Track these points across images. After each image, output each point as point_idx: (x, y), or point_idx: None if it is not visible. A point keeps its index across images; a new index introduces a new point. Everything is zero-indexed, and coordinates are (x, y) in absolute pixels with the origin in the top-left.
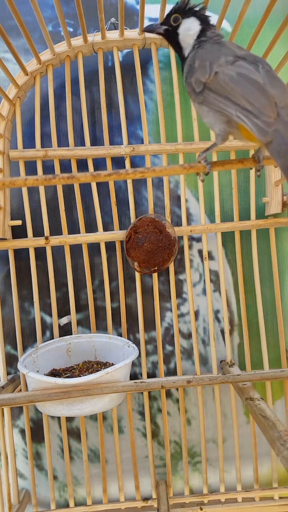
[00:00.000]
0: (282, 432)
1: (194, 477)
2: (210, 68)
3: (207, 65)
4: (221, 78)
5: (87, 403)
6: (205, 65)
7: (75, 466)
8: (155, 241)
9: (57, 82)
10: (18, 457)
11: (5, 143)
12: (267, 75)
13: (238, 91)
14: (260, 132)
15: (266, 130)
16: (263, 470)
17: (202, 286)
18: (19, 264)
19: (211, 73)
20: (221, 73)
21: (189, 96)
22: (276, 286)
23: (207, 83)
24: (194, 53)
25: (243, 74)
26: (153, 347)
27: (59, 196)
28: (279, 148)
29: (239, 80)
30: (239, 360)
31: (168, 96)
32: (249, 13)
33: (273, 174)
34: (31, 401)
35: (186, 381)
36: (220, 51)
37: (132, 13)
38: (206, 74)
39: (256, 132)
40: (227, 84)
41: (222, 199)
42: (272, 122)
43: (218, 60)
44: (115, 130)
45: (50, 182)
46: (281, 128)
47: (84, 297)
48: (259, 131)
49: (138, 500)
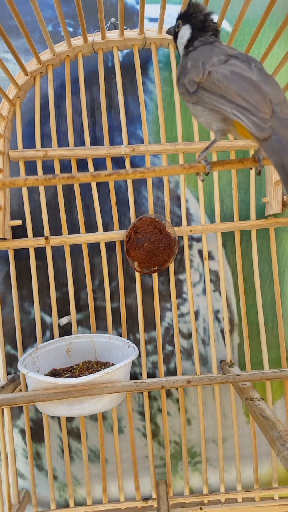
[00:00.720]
0: (282, 432)
1: (194, 477)
2: (204, 68)
3: (200, 65)
4: (215, 77)
5: (87, 403)
6: (198, 65)
7: (75, 466)
8: (155, 241)
9: (57, 82)
10: (18, 457)
11: (5, 143)
12: (260, 73)
13: (232, 89)
14: (257, 129)
15: (262, 127)
16: (263, 470)
17: (202, 286)
18: (19, 264)
19: (204, 72)
20: (215, 72)
21: (183, 97)
22: (276, 286)
23: (201, 82)
24: (186, 56)
25: (236, 72)
26: (153, 347)
27: (59, 196)
28: (273, 146)
29: (233, 78)
30: (239, 360)
31: (168, 96)
32: (249, 13)
33: (273, 174)
34: (31, 401)
35: (186, 381)
36: (212, 51)
37: (132, 13)
38: (199, 74)
39: (253, 128)
40: (221, 82)
41: (222, 199)
42: (268, 118)
43: (210, 60)
44: (115, 130)
45: (50, 182)
46: (276, 125)
47: (84, 297)
48: (256, 127)
49: (138, 500)
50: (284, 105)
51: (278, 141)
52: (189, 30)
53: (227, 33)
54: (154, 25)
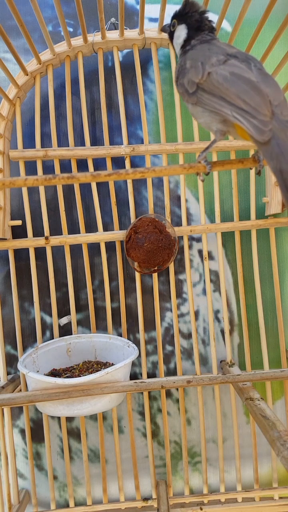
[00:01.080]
0: (282, 432)
1: (194, 477)
2: (203, 68)
3: (199, 65)
4: (215, 78)
5: (87, 403)
6: (197, 65)
7: (75, 466)
8: (155, 241)
9: (57, 82)
10: (18, 457)
11: (5, 143)
12: (260, 73)
13: (232, 91)
14: (257, 132)
15: (263, 130)
16: (263, 470)
17: (202, 286)
18: (19, 264)
19: (204, 73)
20: (214, 73)
21: (182, 97)
22: (276, 286)
23: (200, 83)
24: (184, 55)
25: (236, 73)
26: (153, 347)
27: (59, 196)
28: (272, 150)
29: (233, 79)
30: (239, 360)
31: (168, 96)
32: (249, 13)
33: (273, 174)
34: (31, 401)
35: (186, 381)
36: (211, 50)
37: (132, 13)
38: (199, 75)
39: (253, 131)
40: (221, 84)
41: (222, 199)
42: (268, 121)
43: (209, 60)
44: (115, 130)
45: (50, 182)
46: (276, 128)
47: (84, 297)
48: (256, 130)
49: (138, 500)
50: (284, 107)
51: (277, 146)
52: (185, 30)
53: (227, 33)
54: (154, 25)
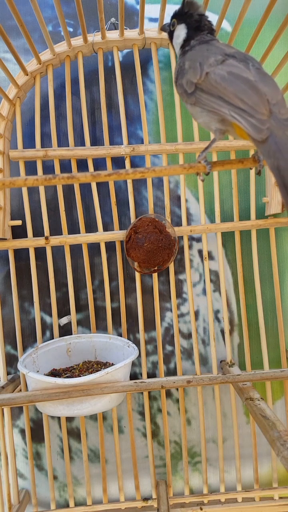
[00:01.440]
0: (282, 432)
1: (194, 477)
2: (201, 68)
3: (198, 65)
4: (213, 78)
5: (87, 403)
6: (196, 66)
7: (75, 466)
8: (155, 241)
9: (57, 82)
10: (18, 457)
11: (5, 143)
12: (258, 72)
13: (230, 91)
14: (255, 130)
15: (260, 128)
16: (263, 470)
17: (202, 286)
18: (19, 264)
19: (202, 73)
20: (212, 73)
21: (181, 98)
22: (276, 286)
23: (199, 83)
24: (183, 55)
25: (234, 73)
26: (153, 347)
27: (59, 196)
28: (269, 148)
29: (231, 79)
30: (239, 360)
31: (168, 96)
32: (249, 13)
33: (271, 172)
34: (31, 401)
35: (186, 381)
36: (209, 50)
37: (132, 13)
38: (197, 75)
39: (251, 130)
40: (219, 84)
41: (222, 199)
42: (266, 119)
43: (208, 60)
44: (115, 130)
45: (50, 182)
46: (273, 126)
47: (84, 297)
48: (253, 129)
49: (138, 500)
50: (282, 105)
51: (274, 143)
52: (185, 30)
53: (227, 33)
54: (154, 25)
